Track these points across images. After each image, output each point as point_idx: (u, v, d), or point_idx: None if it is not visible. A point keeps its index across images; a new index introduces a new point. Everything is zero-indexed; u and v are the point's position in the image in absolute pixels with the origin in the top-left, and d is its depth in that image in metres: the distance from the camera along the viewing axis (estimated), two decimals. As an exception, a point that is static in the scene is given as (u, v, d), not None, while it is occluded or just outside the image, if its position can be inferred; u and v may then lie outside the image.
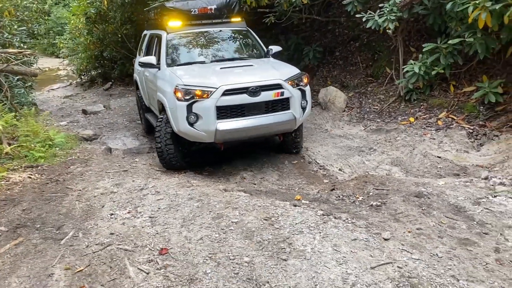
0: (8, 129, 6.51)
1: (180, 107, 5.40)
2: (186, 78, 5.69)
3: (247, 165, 6.27)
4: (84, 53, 16.48)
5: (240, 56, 7.03)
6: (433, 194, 3.93)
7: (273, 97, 5.60)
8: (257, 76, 5.77)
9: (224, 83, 5.42)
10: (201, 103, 5.36)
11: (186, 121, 5.40)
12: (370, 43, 9.22)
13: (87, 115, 11.78)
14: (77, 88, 17.88)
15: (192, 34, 7.25)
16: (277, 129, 5.92)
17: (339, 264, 2.83)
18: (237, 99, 5.45)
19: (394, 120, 7.43)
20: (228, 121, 5.46)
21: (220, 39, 7.31)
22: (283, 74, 5.84)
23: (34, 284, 2.80)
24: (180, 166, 6.00)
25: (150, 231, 3.45)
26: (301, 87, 5.95)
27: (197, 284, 2.69)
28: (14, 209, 4.11)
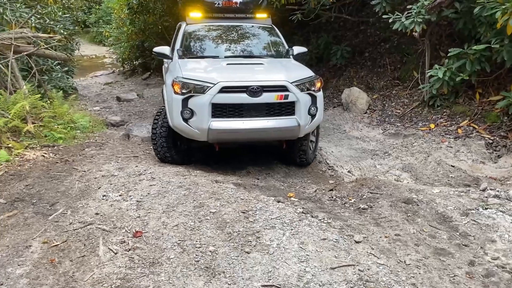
0: (35, 110, 6.86)
1: (175, 101, 5.10)
2: (187, 71, 5.40)
3: (257, 160, 6.27)
4: (127, 42, 17.04)
5: (256, 54, 6.61)
6: (422, 202, 3.82)
7: (275, 99, 5.10)
8: (261, 76, 5.45)
9: (223, 80, 5.06)
10: (197, 98, 5.01)
11: (181, 116, 5.09)
12: (400, 46, 8.99)
13: (120, 102, 12.22)
14: (118, 76, 18.55)
15: (211, 27, 7.07)
16: (277, 135, 5.42)
17: (300, 261, 2.82)
18: (235, 98, 5.03)
19: (414, 125, 7.23)
20: (223, 120, 5.04)
21: (239, 34, 7.05)
22: (291, 76, 5.31)
23: (11, 254, 2.98)
24: (173, 160, 5.67)
25: (132, 214, 3.57)
26: (312, 92, 5.37)
27: (156, 267, 2.78)
28: (18, 184, 4.37)
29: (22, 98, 6.49)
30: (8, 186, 4.30)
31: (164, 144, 5.54)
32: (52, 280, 2.67)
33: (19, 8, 8.93)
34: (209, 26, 7.08)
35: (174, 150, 5.64)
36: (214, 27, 7.09)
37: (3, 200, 3.97)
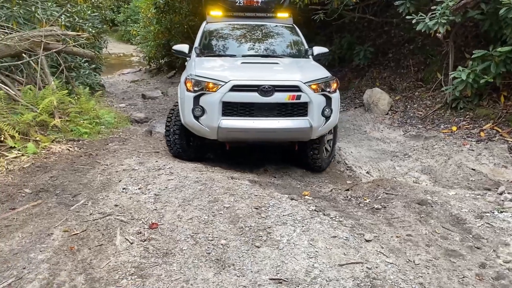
0: (62, 105, 7.11)
1: (187, 98, 5.12)
2: (200, 69, 5.42)
3: (276, 159, 6.32)
4: (153, 41, 17.35)
5: (274, 53, 6.57)
6: (437, 203, 3.81)
7: (287, 99, 5.02)
8: (274, 75, 5.38)
9: (234, 78, 5.04)
10: (208, 96, 5.01)
11: (192, 114, 5.10)
12: (424, 47, 8.89)
13: (145, 99, 12.49)
14: (144, 74, 18.92)
15: (230, 26, 7.06)
16: (288, 136, 5.32)
17: (309, 257, 2.88)
18: (246, 96, 4.99)
19: (436, 127, 7.14)
20: (233, 119, 5.02)
21: (259, 33, 7.03)
22: (305, 76, 5.21)
23: (33, 240, 3.14)
24: (186, 156, 5.72)
25: (150, 206, 3.69)
26: (327, 93, 5.25)
27: (169, 258, 2.88)
28: (44, 175, 4.56)
29: (50, 94, 6.73)
30: (34, 177, 4.50)
31: (177, 141, 5.60)
32: (71, 266, 2.80)
33: (50, 7, 9.24)
34: (228, 24, 7.10)
35: (187, 146, 5.70)
36: (234, 25, 7.11)
37: (29, 190, 4.16)
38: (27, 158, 5.10)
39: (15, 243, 3.11)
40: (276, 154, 6.52)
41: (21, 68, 7.77)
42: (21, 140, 5.66)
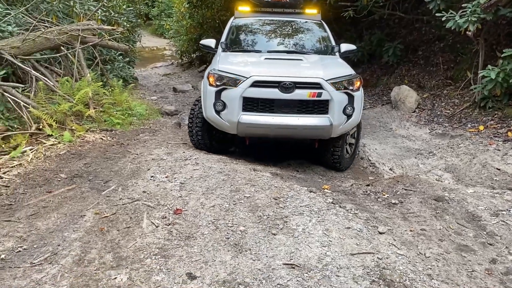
0: (97, 97, 7.45)
1: (209, 93, 5.22)
2: (223, 64, 5.50)
3: (301, 154, 6.45)
4: (185, 35, 17.68)
5: (300, 50, 6.55)
6: (453, 200, 3.87)
7: (308, 97, 5.02)
8: (296, 72, 5.29)
9: (256, 74, 5.08)
10: (229, 91, 5.10)
11: (213, 108, 5.20)
12: (454, 45, 8.79)
13: (176, 92, 12.81)
14: (176, 68, 19.31)
15: (257, 22, 7.11)
16: (307, 134, 5.31)
17: (322, 246, 3.02)
18: (267, 92, 5.03)
19: (463, 126, 7.09)
20: (253, 114, 5.07)
21: (285, 30, 7.02)
22: (328, 74, 5.19)
23: (67, 221, 3.41)
24: (208, 149, 5.83)
25: (175, 194, 3.90)
26: (349, 91, 5.21)
27: (190, 241, 3.08)
28: (78, 162, 4.86)
29: (86, 85, 7.07)
30: (69, 164, 4.80)
31: (199, 134, 5.73)
32: (101, 245, 3.04)
33: (87, 2, 9.62)
34: (255, 20, 7.15)
35: (208, 139, 5.81)
36: (261, 21, 7.15)
37: (64, 175, 4.45)
38: (63, 146, 5.42)
39: (51, 223, 3.38)
40: (301, 150, 6.64)
41: (59, 60, 8.16)
42: (58, 129, 6.01)
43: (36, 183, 4.24)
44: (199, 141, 5.82)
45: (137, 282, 2.59)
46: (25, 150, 5.12)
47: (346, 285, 2.58)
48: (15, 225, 3.33)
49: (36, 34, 7.07)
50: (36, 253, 2.93)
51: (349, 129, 5.57)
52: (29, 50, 7.05)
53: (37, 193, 4.01)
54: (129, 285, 2.56)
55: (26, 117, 6.02)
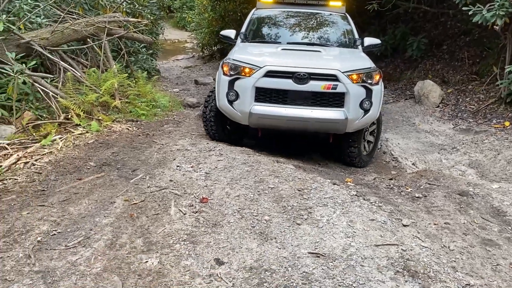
0: (123, 88, 7.59)
1: (223, 82, 5.17)
2: (239, 53, 5.47)
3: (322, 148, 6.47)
4: (207, 28, 17.75)
5: (320, 42, 6.42)
6: (478, 195, 3.86)
7: (322, 89, 4.88)
8: (312, 63, 5.13)
9: (270, 64, 4.99)
10: (242, 81, 5.03)
11: (226, 98, 5.15)
12: (481, 39, 8.64)
13: (198, 85, 12.92)
14: (197, 61, 19.42)
15: (279, 13, 6.99)
16: (321, 127, 5.14)
17: (347, 237, 3.06)
18: (281, 83, 4.93)
19: (488, 122, 7.00)
20: (265, 105, 4.99)
21: (306, 22, 6.91)
22: (345, 66, 5.04)
23: (98, 207, 3.53)
24: (222, 139, 5.79)
25: (201, 183, 3.99)
26: (367, 84, 5.02)
27: (217, 228, 3.16)
28: (106, 151, 4.99)
29: (112, 77, 7.21)
30: (97, 152, 4.94)
31: (213, 124, 5.69)
32: (131, 230, 3.15)
33: (112, -6, 9.77)
34: (277, 12, 7.04)
35: (222, 130, 5.79)
36: (282, 13, 7.03)
37: (93, 163, 4.59)
38: (91, 135, 5.57)
39: (82, 208, 3.51)
40: (319, 144, 6.66)
41: (85, 51, 8.34)
42: (85, 119, 6.16)
43: (67, 170, 4.38)
44: (213, 132, 5.79)
45: (167, 266, 2.68)
46: (55, 138, 5.28)
47: (371, 275, 2.62)
48: (48, 209, 3.46)
49: (64, 25, 7.25)
50: (70, 236, 3.05)
51: (366, 124, 5.39)
52: (58, 41, 7.23)
53: (68, 180, 4.15)
54: (159, 269, 2.66)
55: (55, 107, 6.19)
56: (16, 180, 4.10)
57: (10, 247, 2.88)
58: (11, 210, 3.45)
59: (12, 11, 7.03)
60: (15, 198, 3.69)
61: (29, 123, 5.74)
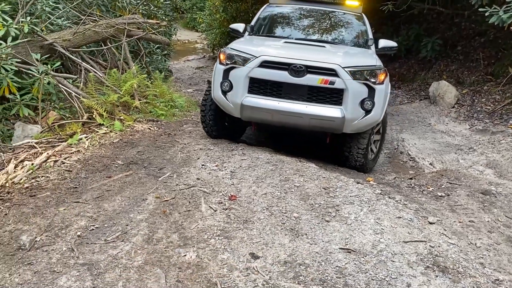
0: (141, 88, 7.72)
1: (218, 71, 4.99)
2: (238, 44, 5.29)
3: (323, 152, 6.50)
4: (218, 29, 17.87)
5: (330, 40, 6.13)
6: (501, 194, 3.93)
7: (319, 83, 4.59)
8: (311, 56, 4.81)
9: (266, 54, 4.77)
10: (237, 70, 4.82)
11: (220, 88, 4.95)
12: (496, 40, 8.68)
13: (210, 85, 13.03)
14: (208, 61, 19.55)
15: (291, 9, 6.79)
16: (316, 124, 4.76)
17: (375, 233, 3.15)
18: (275, 74, 4.67)
19: (504, 122, 7.04)
20: (259, 97, 4.75)
21: (319, 19, 6.68)
22: (346, 61, 4.76)
23: (131, 203, 3.64)
24: (221, 136, 5.67)
25: (227, 182, 4.10)
26: (369, 83, 4.69)
27: (249, 224, 3.26)
28: (132, 150, 5.11)
29: (131, 77, 7.35)
30: (123, 151, 5.06)
31: (212, 120, 5.49)
32: (166, 226, 3.26)
33: (129, -4, 9.92)
34: (288, 8, 6.86)
35: (221, 126, 5.60)
36: (294, 9, 6.83)
37: (121, 162, 4.71)
38: (115, 134, 5.70)
39: (116, 205, 3.62)
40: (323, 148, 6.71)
41: (103, 52, 8.48)
42: (108, 118, 6.30)
43: (96, 168, 4.50)
44: (212, 128, 5.59)
45: (205, 260, 2.79)
46: (81, 137, 5.41)
47: (402, 270, 2.71)
48: (84, 206, 3.58)
49: (85, 27, 7.38)
50: (108, 231, 3.16)
51: (367, 127, 4.94)
52: (79, 42, 7.37)
53: (97, 177, 4.27)
54: (198, 262, 2.76)
55: (78, 107, 6.33)
56: (49, 177, 4.23)
57: (53, 241, 3.00)
58: (48, 206, 3.57)
59: (34, 13, 7.20)
60: (49, 195, 3.82)
61: (54, 122, 5.89)
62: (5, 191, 3.94)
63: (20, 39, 6.36)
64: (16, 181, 4.17)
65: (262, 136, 6.98)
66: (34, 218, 3.32)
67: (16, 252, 2.84)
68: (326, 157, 5.78)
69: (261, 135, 7.02)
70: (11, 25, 6.14)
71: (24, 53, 6.38)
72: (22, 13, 6.70)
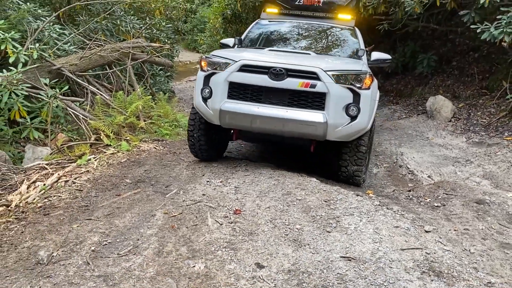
0: (146, 109, 7.96)
1: (199, 78, 4.91)
2: (220, 51, 5.20)
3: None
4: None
5: (318, 50, 6.09)
6: (494, 203, 4.09)
7: (299, 86, 4.44)
8: (293, 61, 4.72)
9: (246, 58, 4.71)
10: (217, 75, 4.72)
11: (201, 95, 4.83)
12: (489, 55, 8.93)
13: (212, 105, 13.27)
14: (210, 81, 19.87)
15: (281, 24, 6.77)
16: (297, 130, 4.57)
17: (374, 242, 3.31)
18: (255, 78, 4.55)
19: (500, 135, 7.23)
20: (238, 102, 4.63)
21: (309, 33, 6.60)
22: (329, 66, 4.60)
23: (141, 219, 3.82)
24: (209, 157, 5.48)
25: (232, 197, 4.27)
26: (355, 88, 4.49)
27: (253, 236, 3.43)
28: (139, 169, 5.31)
29: (136, 99, 7.60)
30: (131, 170, 5.26)
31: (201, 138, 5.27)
32: (175, 239, 3.43)
33: (132, 20, 10.27)
34: (280, 22, 6.87)
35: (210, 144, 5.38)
36: (285, 23, 6.82)
37: (129, 180, 4.90)
38: (122, 154, 5.90)
39: (126, 221, 3.80)
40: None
41: (107, 75, 8.76)
42: (115, 139, 6.51)
43: (105, 187, 4.69)
44: (201, 147, 5.34)
45: (213, 270, 2.95)
46: (89, 158, 5.62)
47: (399, 275, 2.87)
48: (96, 223, 3.76)
49: (91, 52, 7.67)
50: (120, 246, 3.33)
51: (354, 134, 4.69)
52: (86, 66, 7.65)
53: (107, 196, 4.46)
54: (206, 272, 2.93)
55: (85, 129, 6.56)
56: (60, 197, 4.42)
57: (69, 255, 3.17)
58: (61, 223, 3.75)
59: (42, 39, 7.49)
60: (62, 213, 4.00)
61: (63, 144, 6.10)
62: (19, 210, 4.12)
63: (29, 65, 6.63)
64: (30, 201, 4.36)
65: (266, 152, 7.16)
66: (49, 235, 3.50)
67: (35, 266, 3.01)
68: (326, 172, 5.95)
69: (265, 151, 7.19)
70: (20, 51, 6.42)
71: (33, 78, 6.64)
72: (31, 40, 6.98)
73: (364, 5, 8.91)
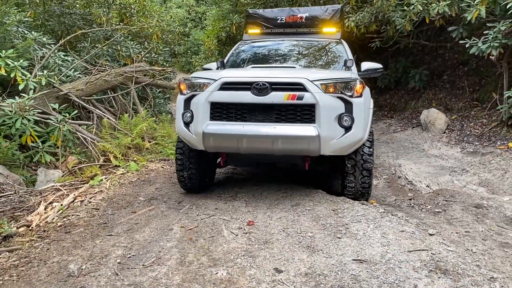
0: (149, 131, 8.20)
1: (179, 103, 4.65)
2: (199, 73, 5.01)
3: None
4: (214, 71, 18.65)
5: (304, 64, 5.91)
6: (492, 207, 4.34)
7: (285, 99, 4.13)
8: (277, 74, 4.52)
9: (226, 76, 4.40)
10: (197, 97, 4.42)
11: (182, 120, 4.56)
12: (478, 68, 9.32)
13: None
14: (206, 101, 20.20)
15: (264, 43, 6.59)
16: (288, 147, 4.24)
17: (382, 246, 3.53)
18: (237, 96, 4.25)
19: (493, 144, 7.53)
20: (221, 123, 4.31)
21: (293, 49, 6.41)
22: (316, 75, 4.33)
23: (159, 233, 4.01)
24: (200, 187, 5.19)
25: (243, 209, 4.49)
26: (346, 96, 4.22)
27: (269, 245, 3.64)
28: (150, 187, 5.51)
29: (141, 121, 7.84)
30: (143, 189, 5.46)
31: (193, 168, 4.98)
32: (194, 250, 3.63)
33: (132, 45, 10.60)
34: (262, 42, 6.68)
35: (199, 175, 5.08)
36: (268, 42, 6.64)
37: (142, 198, 5.10)
38: (132, 174, 6.11)
39: (146, 235, 3.99)
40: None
41: (109, 99, 9.02)
42: (122, 160, 6.73)
43: (120, 205, 4.89)
44: (191, 176, 5.00)
45: (235, 276, 3.15)
46: (101, 179, 5.82)
47: (408, 274, 3.08)
48: (117, 238, 3.95)
49: (96, 77, 7.94)
50: (144, 258, 3.53)
51: (350, 146, 4.38)
52: (91, 91, 7.91)
53: (123, 213, 4.65)
54: (229, 278, 3.12)
55: (94, 151, 6.77)
56: (79, 215, 4.60)
57: (97, 268, 3.35)
58: (84, 240, 3.94)
59: (47, 66, 7.76)
60: (83, 230, 4.19)
61: (74, 166, 6.30)
62: (41, 230, 4.30)
63: (37, 91, 6.88)
64: (49, 220, 4.54)
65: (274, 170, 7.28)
66: (75, 250, 3.68)
67: (67, 278, 3.19)
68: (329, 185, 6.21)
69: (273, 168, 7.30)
70: (29, 78, 6.67)
71: (41, 104, 6.88)
72: (39, 68, 7.25)
73: (357, 24, 9.30)
